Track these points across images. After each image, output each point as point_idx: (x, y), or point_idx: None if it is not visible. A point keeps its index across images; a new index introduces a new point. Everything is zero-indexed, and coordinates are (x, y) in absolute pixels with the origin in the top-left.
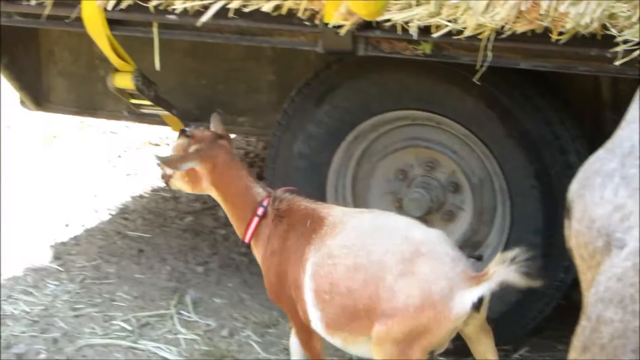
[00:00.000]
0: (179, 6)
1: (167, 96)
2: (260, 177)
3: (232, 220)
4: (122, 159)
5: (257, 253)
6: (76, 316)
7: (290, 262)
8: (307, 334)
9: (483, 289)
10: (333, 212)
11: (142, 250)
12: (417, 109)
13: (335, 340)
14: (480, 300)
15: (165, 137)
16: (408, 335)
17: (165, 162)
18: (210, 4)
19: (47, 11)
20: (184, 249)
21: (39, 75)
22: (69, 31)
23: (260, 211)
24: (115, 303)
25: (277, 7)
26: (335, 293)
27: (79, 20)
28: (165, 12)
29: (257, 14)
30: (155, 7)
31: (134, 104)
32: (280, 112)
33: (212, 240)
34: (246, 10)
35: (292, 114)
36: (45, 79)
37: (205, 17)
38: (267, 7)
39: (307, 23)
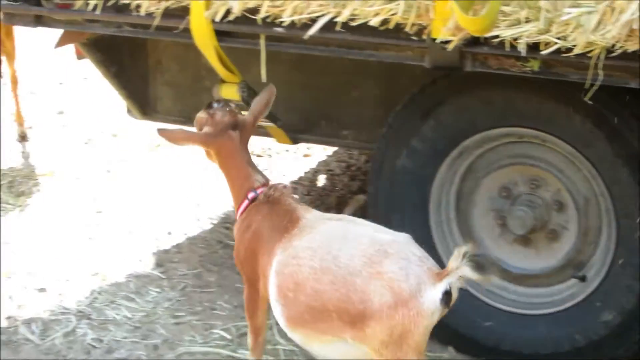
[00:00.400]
0: (286, 19)
1: (272, 108)
2: (362, 191)
3: (232, 199)
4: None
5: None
6: (177, 323)
7: (261, 248)
8: (254, 305)
9: (445, 284)
10: (309, 215)
11: None
12: (523, 126)
13: (295, 336)
14: (449, 296)
15: (269, 149)
16: (392, 336)
17: (166, 136)
18: (318, 17)
19: (156, 22)
20: None
21: (146, 85)
22: (176, 42)
23: (250, 195)
24: (215, 312)
25: (385, 22)
26: (299, 292)
27: (187, 31)
28: (273, 24)
29: (365, 28)
30: (263, 19)
31: None
32: (385, 126)
33: None
34: (353, 24)
35: (397, 128)
36: (152, 89)
37: (313, 30)
38: (374, 22)
39: (414, 38)
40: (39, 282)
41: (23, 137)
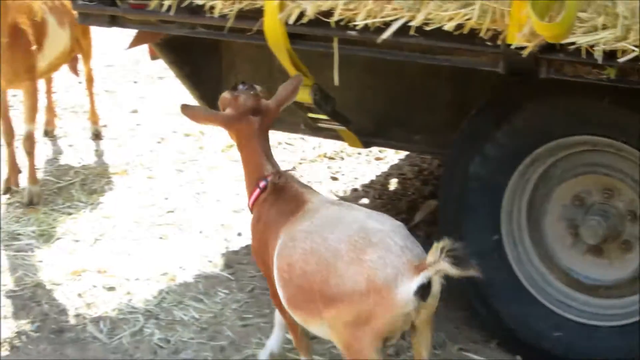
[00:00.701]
0: (360, 22)
1: (343, 111)
2: (434, 196)
3: (245, 184)
4: (296, 171)
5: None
6: (244, 325)
7: (270, 235)
8: (278, 299)
9: (422, 278)
10: (315, 199)
11: None
12: (597, 135)
13: (296, 318)
14: (427, 290)
15: (340, 151)
16: (357, 319)
17: (188, 113)
18: (392, 21)
19: (229, 24)
20: None
21: (219, 86)
22: (250, 43)
23: (262, 184)
24: None
25: (459, 27)
26: (292, 273)
27: (260, 33)
28: (346, 27)
29: (438, 33)
30: (337, 22)
31: (311, 118)
32: (458, 131)
33: None
34: (427, 28)
35: (470, 134)
36: (225, 90)
37: (386, 34)
38: (448, 26)
39: (488, 43)
40: (109, 281)
41: (97, 136)
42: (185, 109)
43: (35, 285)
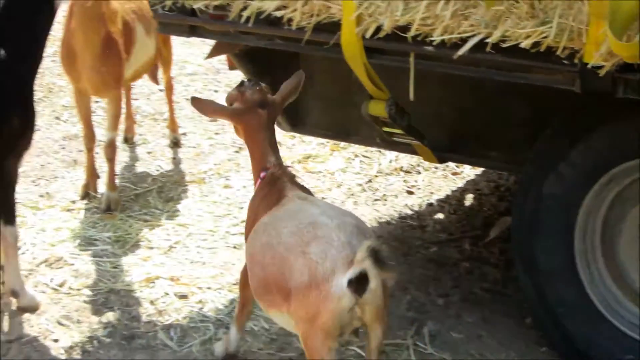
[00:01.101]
0: (437, 38)
1: (419, 126)
2: (510, 212)
3: (253, 177)
4: (372, 184)
5: None
6: None
7: (254, 223)
8: (246, 278)
9: (351, 273)
10: (291, 195)
11: None
12: None
13: (261, 306)
14: (361, 285)
15: (417, 165)
16: (307, 314)
17: (198, 106)
18: (469, 37)
19: (307, 36)
20: (426, 280)
21: (297, 97)
22: (328, 56)
23: (262, 175)
24: None
25: (536, 44)
26: (253, 264)
27: (337, 46)
28: (423, 43)
29: (515, 50)
30: (413, 37)
31: (387, 132)
32: (533, 149)
33: (455, 273)
34: (504, 45)
35: (545, 152)
36: (303, 101)
37: (462, 50)
38: (525, 44)
39: (565, 62)
40: (181, 289)
41: (175, 144)
42: (195, 101)
43: (109, 291)
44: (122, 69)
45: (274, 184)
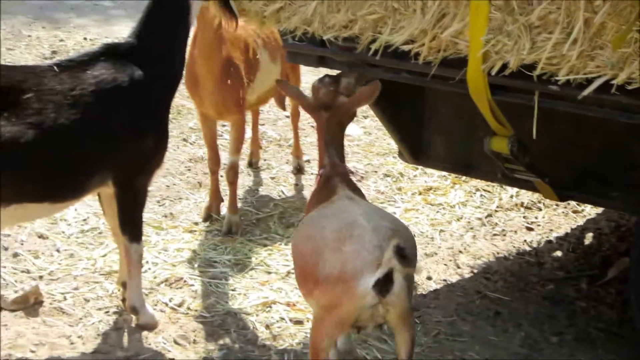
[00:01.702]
0: (562, 77)
1: (541, 163)
2: (629, 253)
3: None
4: (491, 218)
5: None
6: None
7: None
8: None
9: (378, 274)
10: (341, 194)
11: (499, 312)
12: None
13: (301, 293)
14: (386, 286)
15: (538, 202)
16: (328, 304)
17: (284, 88)
18: (594, 77)
19: (433, 70)
20: (540, 317)
21: (420, 130)
22: (452, 91)
23: (320, 171)
24: None
25: None
26: (295, 255)
27: (462, 81)
28: (548, 82)
29: None
30: (539, 76)
31: (508, 168)
32: None
33: (570, 311)
34: (630, 87)
35: None
36: (426, 134)
37: (587, 91)
38: None
39: None
40: (297, 315)
41: (299, 170)
42: (281, 84)
43: (226, 313)
44: (244, 93)
45: (327, 182)
